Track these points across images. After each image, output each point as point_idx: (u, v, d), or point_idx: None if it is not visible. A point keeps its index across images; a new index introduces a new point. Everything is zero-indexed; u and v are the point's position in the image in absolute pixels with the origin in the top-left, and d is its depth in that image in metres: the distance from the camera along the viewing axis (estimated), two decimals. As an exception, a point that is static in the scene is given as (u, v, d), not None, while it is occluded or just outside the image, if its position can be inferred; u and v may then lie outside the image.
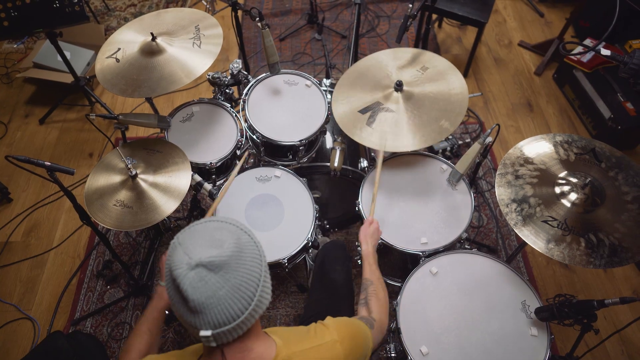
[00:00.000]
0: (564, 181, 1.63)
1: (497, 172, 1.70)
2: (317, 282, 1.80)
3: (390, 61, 2.08)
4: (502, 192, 1.64)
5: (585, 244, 1.49)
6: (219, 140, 2.14)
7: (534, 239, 1.52)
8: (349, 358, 1.12)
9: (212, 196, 1.97)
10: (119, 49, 2.04)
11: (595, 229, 1.52)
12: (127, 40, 2.08)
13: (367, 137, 1.88)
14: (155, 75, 1.94)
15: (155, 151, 1.91)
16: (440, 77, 1.98)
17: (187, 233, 0.96)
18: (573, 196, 1.58)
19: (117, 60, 2.00)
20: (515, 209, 1.59)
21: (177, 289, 0.90)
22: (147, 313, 1.41)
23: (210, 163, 2.05)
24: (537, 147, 1.75)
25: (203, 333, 0.90)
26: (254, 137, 2.11)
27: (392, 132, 1.87)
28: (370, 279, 1.50)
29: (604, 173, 1.66)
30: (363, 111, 1.94)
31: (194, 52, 2.01)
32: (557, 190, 1.62)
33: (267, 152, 2.18)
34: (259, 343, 1.03)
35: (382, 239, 1.84)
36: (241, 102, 2.16)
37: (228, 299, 0.89)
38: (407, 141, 1.85)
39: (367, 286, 1.48)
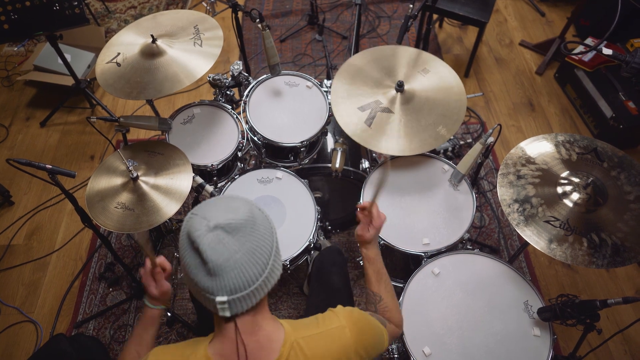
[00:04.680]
0: (566, 181, 1.63)
1: (499, 172, 1.69)
2: (316, 286, 1.79)
3: (393, 59, 2.07)
4: (504, 193, 1.64)
5: (588, 244, 1.49)
6: (220, 142, 2.14)
7: (536, 239, 1.51)
8: (359, 345, 1.12)
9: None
10: (119, 54, 2.04)
11: (597, 229, 1.52)
12: (126, 43, 2.08)
13: (366, 137, 1.88)
14: (159, 76, 1.94)
15: (157, 153, 1.91)
16: (440, 82, 1.98)
17: (202, 205, 1.00)
18: (575, 196, 1.58)
19: (118, 64, 2.00)
20: (517, 209, 1.59)
21: (196, 252, 0.93)
22: (135, 335, 1.31)
23: (212, 165, 2.05)
24: (539, 147, 1.75)
25: (219, 299, 0.93)
26: (255, 138, 2.11)
27: (389, 134, 1.87)
28: (378, 292, 1.37)
29: (606, 173, 1.65)
30: (362, 109, 1.94)
31: (194, 52, 2.01)
32: (559, 190, 1.61)
33: (268, 153, 2.18)
34: (268, 322, 1.06)
35: (383, 239, 1.84)
36: (242, 104, 2.16)
37: (244, 262, 0.93)
38: (404, 145, 1.85)
39: (376, 302, 1.36)
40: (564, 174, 1.65)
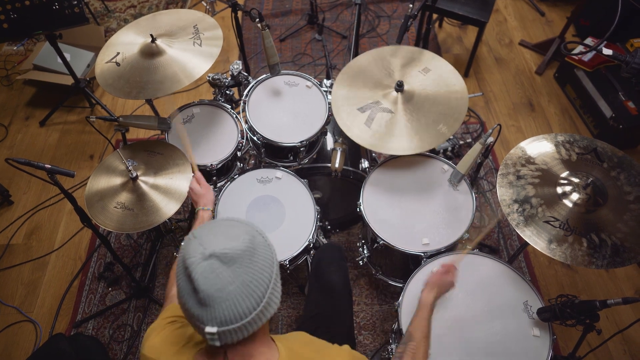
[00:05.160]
0: (565, 181, 1.63)
1: (499, 172, 1.69)
2: (314, 283, 1.78)
3: (393, 59, 2.07)
4: (503, 193, 1.64)
5: (588, 244, 1.49)
6: (219, 142, 2.13)
7: (536, 239, 1.51)
8: None
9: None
10: (118, 53, 2.04)
11: (597, 229, 1.51)
12: (126, 43, 2.07)
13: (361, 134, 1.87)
14: (158, 76, 1.94)
15: (156, 153, 1.91)
16: (440, 80, 1.98)
17: (204, 228, 0.97)
18: (575, 196, 1.58)
19: (118, 64, 2.00)
20: (517, 210, 1.58)
21: (188, 278, 0.90)
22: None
23: (211, 164, 2.05)
24: (539, 147, 1.74)
25: (208, 329, 0.89)
26: (255, 138, 2.10)
27: (389, 133, 1.87)
28: (414, 334, 1.35)
29: (606, 173, 1.65)
30: (362, 109, 1.94)
31: (194, 52, 2.01)
32: (559, 190, 1.61)
33: (267, 153, 2.18)
34: (263, 351, 1.01)
35: (383, 239, 1.84)
36: (242, 104, 2.16)
37: (237, 294, 0.89)
38: (404, 144, 1.85)
39: (407, 342, 1.33)
40: (564, 174, 1.65)
